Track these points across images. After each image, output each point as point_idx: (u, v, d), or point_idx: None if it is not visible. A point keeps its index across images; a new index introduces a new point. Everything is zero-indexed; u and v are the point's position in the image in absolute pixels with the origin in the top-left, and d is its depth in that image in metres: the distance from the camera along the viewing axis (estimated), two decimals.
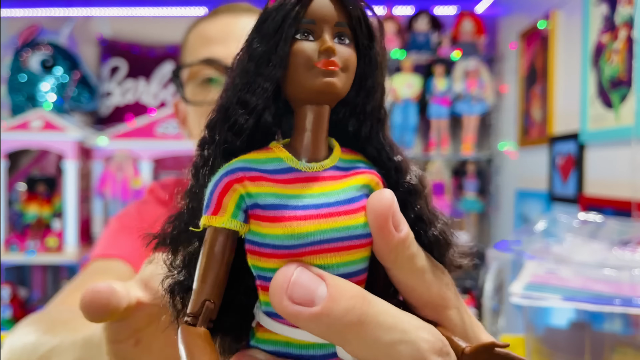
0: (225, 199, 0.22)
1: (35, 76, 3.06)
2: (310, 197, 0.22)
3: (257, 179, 0.22)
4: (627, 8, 1.75)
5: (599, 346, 0.72)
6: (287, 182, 0.22)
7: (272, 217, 0.22)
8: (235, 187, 0.22)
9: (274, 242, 0.22)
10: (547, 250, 0.81)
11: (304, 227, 0.22)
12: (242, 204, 0.22)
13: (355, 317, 0.20)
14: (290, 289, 0.20)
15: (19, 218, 2.92)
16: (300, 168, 0.23)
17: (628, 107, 1.73)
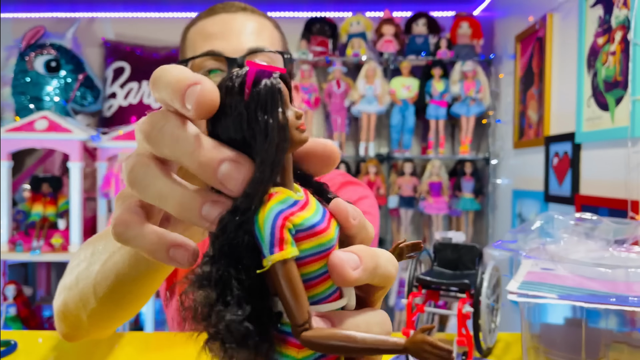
0: (285, 235, 0.28)
1: (40, 78, 3.07)
2: (315, 215, 0.30)
3: (291, 213, 0.29)
4: (622, 10, 1.77)
5: (594, 343, 0.73)
6: (302, 209, 0.29)
7: (311, 234, 0.29)
8: (287, 224, 0.28)
9: (315, 251, 0.29)
10: (543, 249, 0.81)
11: (328, 235, 0.30)
12: (291, 234, 0.28)
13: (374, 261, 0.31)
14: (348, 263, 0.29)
15: (24, 217, 2.93)
16: (296, 198, 0.30)
17: (623, 109, 1.74)
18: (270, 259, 0.28)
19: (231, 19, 0.95)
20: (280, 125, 0.28)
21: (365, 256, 0.30)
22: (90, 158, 2.99)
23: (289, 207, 0.29)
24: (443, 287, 0.87)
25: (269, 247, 0.28)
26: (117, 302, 0.62)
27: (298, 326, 0.28)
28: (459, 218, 3.18)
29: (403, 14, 3.32)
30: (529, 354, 0.78)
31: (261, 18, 0.99)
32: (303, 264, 0.29)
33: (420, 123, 3.26)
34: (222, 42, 0.92)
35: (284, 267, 0.28)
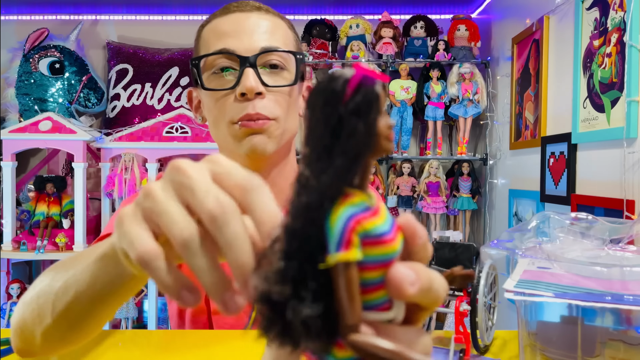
0: (353, 237, 0.28)
1: (44, 79, 3.08)
2: (385, 224, 0.30)
3: (363, 218, 0.29)
4: (618, 13, 1.77)
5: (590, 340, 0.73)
6: (373, 215, 0.30)
7: (378, 242, 0.29)
8: (357, 228, 0.29)
9: (381, 259, 0.30)
10: (539, 248, 0.81)
11: (397, 243, 0.30)
12: (359, 237, 0.29)
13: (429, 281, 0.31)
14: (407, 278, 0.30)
15: (28, 217, 2.94)
16: (370, 204, 0.30)
17: (619, 110, 1.75)
18: (335, 257, 0.28)
19: (245, 18, 0.95)
20: (369, 129, 0.29)
21: (423, 275, 0.31)
22: (94, 158, 3.00)
23: (361, 212, 0.29)
24: None
25: (336, 246, 0.28)
26: (72, 322, 0.62)
27: (348, 326, 0.29)
28: (456, 217, 3.19)
29: (401, 16, 3.33)
30: (525, 352, 0.78)
31: (275, 18, 0.98)
32: (363, 268, 0.29)
33: (418, 124, 3.28)
34: (235, 40, 0.92)
35: (346, 268, 0.29)
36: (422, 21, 3.18)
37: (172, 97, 3.24)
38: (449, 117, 3.10)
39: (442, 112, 3.06)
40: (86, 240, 2.85)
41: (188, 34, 1.08)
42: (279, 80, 0.94)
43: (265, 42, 0.93)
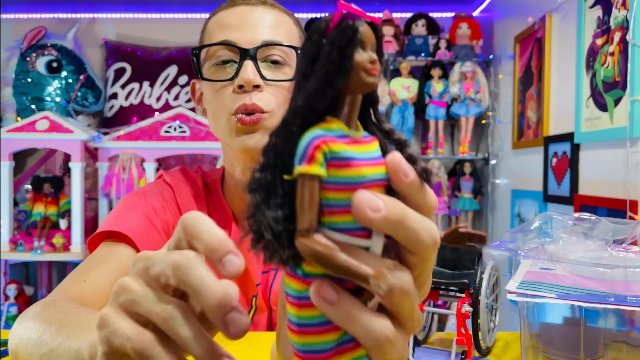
0: (316, 154, 0.31)
1: (41, 78, 3.07)
2: (363, 152, 0.32)
3: (332, 140, 0.31)
4: (621, 11, 1.77)
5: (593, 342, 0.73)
6: (349, 144, 0.32)
7: (344, 164, 0.31)
8: (322, 146, 0.31)
9: (346, 181, 0.31)
10: (542, 248, 0.81)
11: (365, 170, 0.32)
12: (325, 158, 0.31)
13: (401, 215, 0.31)
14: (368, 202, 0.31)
15: (25, 217, 2.94)
16: (350, 135, 0.32)
17: (622, 109, 1.74)
18: (297, 169, 0.31)
19: (249, 11, 0.95)
20: (343, 57, 0.31)
21: (392, 206, 0.31)
22: (91, 158, 3.00)
23: (334, 136, 0.32)
24: (442, 287, 0.87)
25: (299, 159, 0.31)
26: None
27: (298, 230, 0.31)
28: (458, 218, 3.19)
29: (402, 14, 3.32)
30: (527, 353, 0.78)
31: (281, 12, 0.98)
32: (328, 188, 0.31)
33: (419, 123, 3.27)
34: (238, 33, 0.92)
35: (305, 181, 0.31)
36: (424, 19, 3.17)
37: (170, 96, 3.24)
38: (450, 116, 3.09)
39: (443, 112, 3.05)
40: (84, 240, 2.84)
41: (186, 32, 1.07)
42: (279, 75, 0.93)
43: (267, 36, 0.92)
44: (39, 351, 0.61)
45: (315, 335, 0.33)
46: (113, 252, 0.92)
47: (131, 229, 0.94)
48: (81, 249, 2.81)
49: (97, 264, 0.90)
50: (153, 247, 0.94)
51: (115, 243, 0.93)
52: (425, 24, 3.18)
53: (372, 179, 0.32)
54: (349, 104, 0.33)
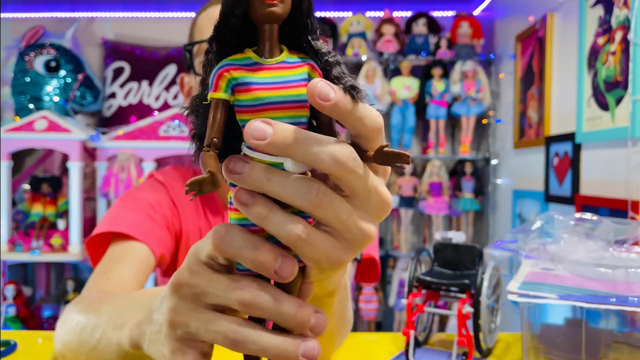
0: (220, 82, 0.35)
1: (39, 78, 3.07)
2: (267, 77, 0.35)
3: (237, 69, 0.35)
4: (623, 10, 1.76)
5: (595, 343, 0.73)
6: (254, 70, 0.36)
7: (246, 89, 0.35)
8: (225, 74, 0.35)
9: (247, 104, 0.35)
10: (543, 249, 0.81)
11: (262, 93, 0.35)
12: (229, 84, 0.35)
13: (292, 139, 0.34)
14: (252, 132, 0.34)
15: (24, 217, 2.93)
16: (261, 62, 0.36)
17: (623, 109, 1.74)
18: (209, 96, 0.36)
19: None
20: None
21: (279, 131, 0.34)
22: (89, 158, 2.99)
23: (238, 64, 0.36)
24: (443, 288, 0.87)
25: (209, 87, 0.36)
26: None
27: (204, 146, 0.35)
28: (459, 218, 3.18)
29: (403, 13, 3.32)
30: (529, 354, 0.78)
31: None
32: (239, 111, 0.36)
33: (420, 123, 3.26)
34: None
35: (212, 104, 0.36)
36: (424, 18, 3.16)
37: (169, 95, 3.24)
38: (451, 116, 3.08)
39: (444, 111, 3.04)
40: (82, 241, 2.83)
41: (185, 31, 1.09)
42: None
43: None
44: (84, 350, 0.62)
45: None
46: (127, 249, 0.95)
47: (135, 228, 0.97)
48: (79, 250, 2.80)
49: (116, 262, 0.93)
50: (159, 242, 0.99)
51: (125, 241, 0.96)
52: (426, 23, 3.17)
53: (272, 102, 0.35)
54: (264, 34, 0.36)
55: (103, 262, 0.95)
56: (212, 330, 0.38)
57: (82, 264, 3.02)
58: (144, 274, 0.94)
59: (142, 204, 1.03)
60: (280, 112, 0.36)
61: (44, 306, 3.06)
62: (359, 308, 3.01)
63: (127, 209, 1.02)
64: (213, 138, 0.35)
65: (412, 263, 0.89)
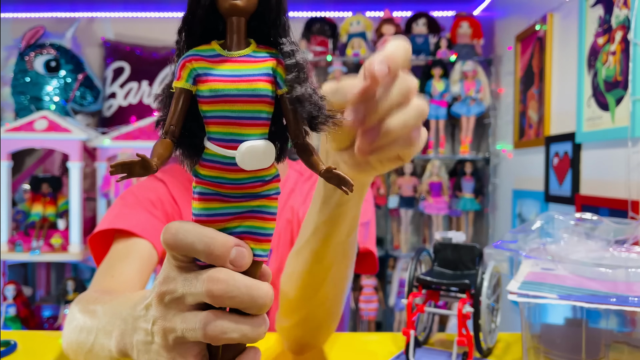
0: (182, 72, 0.36)
1: (39, 78, 3.07)
2: (226, 70, 0.36)
3: (199, 60, 0.36)
4: (623, 10, 1.76)
5: (595, 343, 0.73)
6: (216, 62, 0.36)
7: (204, 80, 0.36)
8: (187, 65, 0.36)
9: (204, 94, 0.36)
10: (543, 249, 0.81)
11: (218, 85, 0.36)
12: (192, 74, 0.36)
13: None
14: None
15: (24, 217, 2.93)
16: (224, 54, 0.36)
17: (623, 109, 1.74)
18: (173, 85, 0.37)
19: None
20: None
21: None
22: (89, 158, 2.99)
23: (201, 55, 0.36)
24: (443, 287, 0.87)
25: (174, 76, 0.37)
26: None
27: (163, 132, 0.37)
28: (459, 218, 3.18)
29: (403, 13, 3.31)
30: (529, 354, 0.78)
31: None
32: (200, 102, 0.36)
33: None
34: None
35: (176, 93, 0.36)
36: (424, 18, 3.16)
37: None
38: (451, 116, 3.08)
39: (444, 111, 3.04)
40: (82, 241, 2.83)
41: None
42: None
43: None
44: (82, 351, 0.63)
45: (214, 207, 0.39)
46: (130, 246, 0.96)
47: (137, 225, 0.98)
48: (79, 249, 2.80)
49: (119, 259, 0.95)
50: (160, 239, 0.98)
51: (128, 238, 0.97)
52: (426, 23, 3.17)
53: (226, 94, 0.36)
54: (231, 26, 0.37)
55: (106, 259, 0.96)
56: (191, 328, 0.39)
57: (82, 264, 3.02)
58: (147, 270, 0.95)
59: (143, 201, 1.05)
60: (236, 105, 0.36)
61: (44, 306, 3.06)
62: (359, 308, 3.01)
63: (128, 206, 1.03)
64: (171, 125, 0.36)
65: (412, 263, 0.89)
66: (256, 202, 0.39)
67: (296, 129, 0.38)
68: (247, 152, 0.36)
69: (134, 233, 0.97)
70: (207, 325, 0.38)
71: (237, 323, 0.39)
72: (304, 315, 0.79)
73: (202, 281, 0.38)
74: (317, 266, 0.71)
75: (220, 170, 0.38)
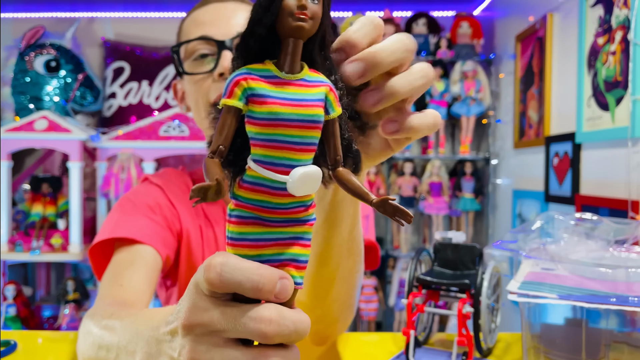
0: (235, 89, 0.35)
1: (39, 78, 3.07)
2: (285, 93, 0.35)
3: (254, 79, 0.35)
4: (623, 10, 1.76)
5: (595, 343, 0.73)
6: (272, 83, 0.35)
7: (261, 101, 0.35)
8: (242, 83, 0.35)
9: (260, 116, 0.35)
10: (543, 249, 0.81)
11: (278, 109, 0.35)
12: (245, 93, 0.35)
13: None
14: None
15: (24, 217, 2.93)
16: (280, 76, 0.35)
17: (623, 109, 1.74)
18: (221, 101, 0.35)
19: (222, 8, 1.00)
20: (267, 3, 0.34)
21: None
22: (90, 158, 2.99)
23: (257, 74, 0.35)
24: (443, 287, 0.87)
25: (224, 93, 0.35)
26: None
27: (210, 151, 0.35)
28: (459, 218, 3.18)
29: (403, 13, 3.32)
30: (529, 354, 0.78)
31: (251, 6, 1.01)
32: (250, 122, 0.35)
33: None
34: (213, 27, 0.97)
35: (223, 111, 0.35)
36: (424, 18, 3.16)
37: (169, 95, 3.24)
38: (451, 115, 3.08)
39: (444, 111, 3.04)
40: (82, 241, 2.83)
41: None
42: None
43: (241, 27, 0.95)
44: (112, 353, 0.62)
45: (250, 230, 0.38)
46: (134, 253, 0.95)
47: (138, 231, 0.97)
48: (79, 249, 2.80)
49: (124, 268, 0.93)
50: (163, 243, 1.00)
51: (130, 246, 0.95)
52: (426, 22, 3.17)
53: (286, 118, 0.35)
54: (287, 48, 0.36)
55: (111, 269, 0.94)
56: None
57: (82, 264, 3.02)
58: (154, 276, 0.94)
59: (141, 207, 1.03)
60: (292, 130, 0.35)
61: (44, 306, 3.06)
62: (359, 308, 3.01)
63: (126, 214, 1.01)
64: (220, 145, 0.35)
65: (412, 263, 0.89)
66: (300, 228, 0.38)
67: (337, 154, 0.38)
68: (300, 178, 0.35)
69: (136, 240, 0.95)
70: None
71: (284, 357, 0.38)
72: (319, 314, 0.79)
73: (252, 320, 0.37)
74: (324, 269, 0.70)
75: (265, 194, 0.36)
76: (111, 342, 0.60)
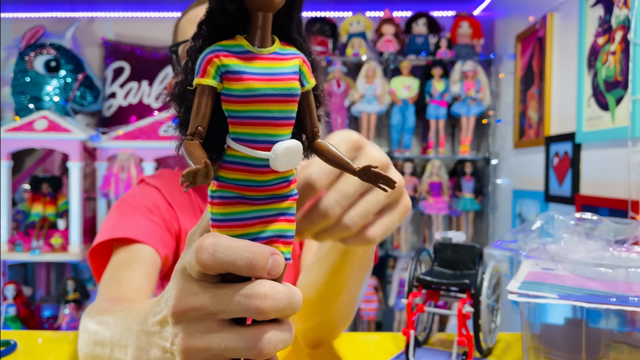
0: (208, 67, 0.34)
1: (39, 77, 3.07)
2: (259, 68, 0.34)
3: (227, 56, 0.34)
4: (623, 10, 1.76)
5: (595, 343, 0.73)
6: (245, 59, 0.34)
7: (237, 78, 0.34)
8: (214, 60, 0.34)
9: (238, 94, 0.34)
10: (543, 249, 0.81)
11: (254, 84, 0.34)
12: (219, 71, 0.34)
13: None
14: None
15: (24, 217, 2.93)
16: (253, 51, 0.35)
17: (623, 109, 1.74)
18: (194, 81, 0.34)
19: None
20: None
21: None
22: (89, 158, 2.99)
23: (229, 51, 0.34)
24: (443, 287, 0.87)
25: (196, 72, 0.34)
26: None
27: (188, 133, 0.34)
28: (459, 218, 3.18)
29: (403, 13, 3.32)
30: (529, 354, 0.77)
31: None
32: (227, 100, 0.34)
33: (420, 123, 3.26)
34: None
35: (198, 90, 0.34)
36: (424, 18, 3.16)
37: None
38: (451, 115, 3.08)
39: (444, 111, 3.04)
40: (82, 240, 2.83)
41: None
42: None
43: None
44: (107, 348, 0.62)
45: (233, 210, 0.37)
46: (133, 252, 0.95)
47: (137, 231, 0.96)
48: (79, 249, 2.80)
49: (124, 267, 0.93)
50: (162, 243, 0.99)
51: (129, 245, 0.95)
52: (426, 22, 3.17)
53: (264, 94, 0.34)
54: (257, 21, 0.35)
55: (110, 269, 0.94)
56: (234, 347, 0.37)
57: (82, 263, 3.02)
58: (153, 275, 0.94)
59: (139, 207, 1.03)
60: (271, 105, 0.35)
61: (44, 306, 3.06)
62: (359, 308, 3.01)
63: (125, 215, 1.01)
64: (198, 126, 0.34)
65: (412, 263, 0.89)
66: (283, 204, 0.38)
67: (314, 126, 0.38)
68: (283, 153, 0.35)
69: (135, 240, 0.95)
70: (258, 343, 0.37)
71: (281, 332, 0.38)
72: (319, 321, 0.79)
73: (247, 297, 0.36)
74: (335, 280, 0.71)
75: (246, 173, 0.36)
76: (105, 338, 0.60)
